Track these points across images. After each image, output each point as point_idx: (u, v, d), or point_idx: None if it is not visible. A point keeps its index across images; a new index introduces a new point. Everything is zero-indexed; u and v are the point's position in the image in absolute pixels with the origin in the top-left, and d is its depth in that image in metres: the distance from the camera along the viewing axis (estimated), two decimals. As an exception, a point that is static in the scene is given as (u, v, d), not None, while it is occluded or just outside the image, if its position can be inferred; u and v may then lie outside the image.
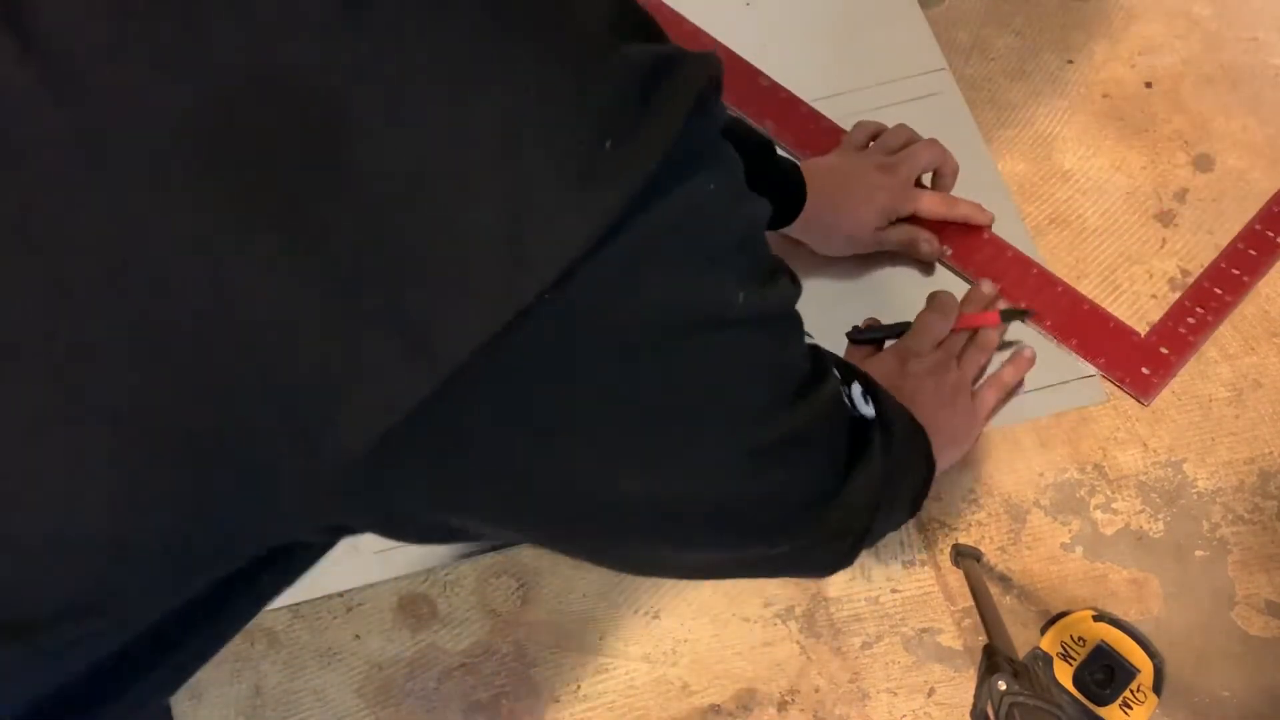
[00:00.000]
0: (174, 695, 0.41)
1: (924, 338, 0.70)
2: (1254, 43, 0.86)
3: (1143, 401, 0.72)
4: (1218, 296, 0.75)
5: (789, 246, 0.75)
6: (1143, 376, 0.73)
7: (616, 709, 0.67)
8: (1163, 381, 0.72)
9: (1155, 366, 0.73)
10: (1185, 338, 0.74)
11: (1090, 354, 0.73)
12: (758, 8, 0.92)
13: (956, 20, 0.90)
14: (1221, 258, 0.77)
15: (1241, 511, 0.69)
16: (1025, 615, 0.67)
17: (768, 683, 0.67)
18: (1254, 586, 0.67)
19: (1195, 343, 0.74)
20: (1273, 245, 0.77)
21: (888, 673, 0.67)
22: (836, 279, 0.77)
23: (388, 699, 0.68)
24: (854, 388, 0.49)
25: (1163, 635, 0.65)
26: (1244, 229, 0.78)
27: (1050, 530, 0.69)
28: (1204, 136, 0.82)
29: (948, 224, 0.77)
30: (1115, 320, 0.75)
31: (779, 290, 0.37)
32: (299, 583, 0.43)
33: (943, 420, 0.65)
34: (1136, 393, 0.72)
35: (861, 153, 0.78)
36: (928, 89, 0.86)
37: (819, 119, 0.84)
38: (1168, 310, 0.75)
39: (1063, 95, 0.85)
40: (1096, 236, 0.79)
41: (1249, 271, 0.76)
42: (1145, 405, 0.72)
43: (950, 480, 0.71)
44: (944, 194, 0.77)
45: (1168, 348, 0.73)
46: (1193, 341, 0.74)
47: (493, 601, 0.70)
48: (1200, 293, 0.75)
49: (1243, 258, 0.77)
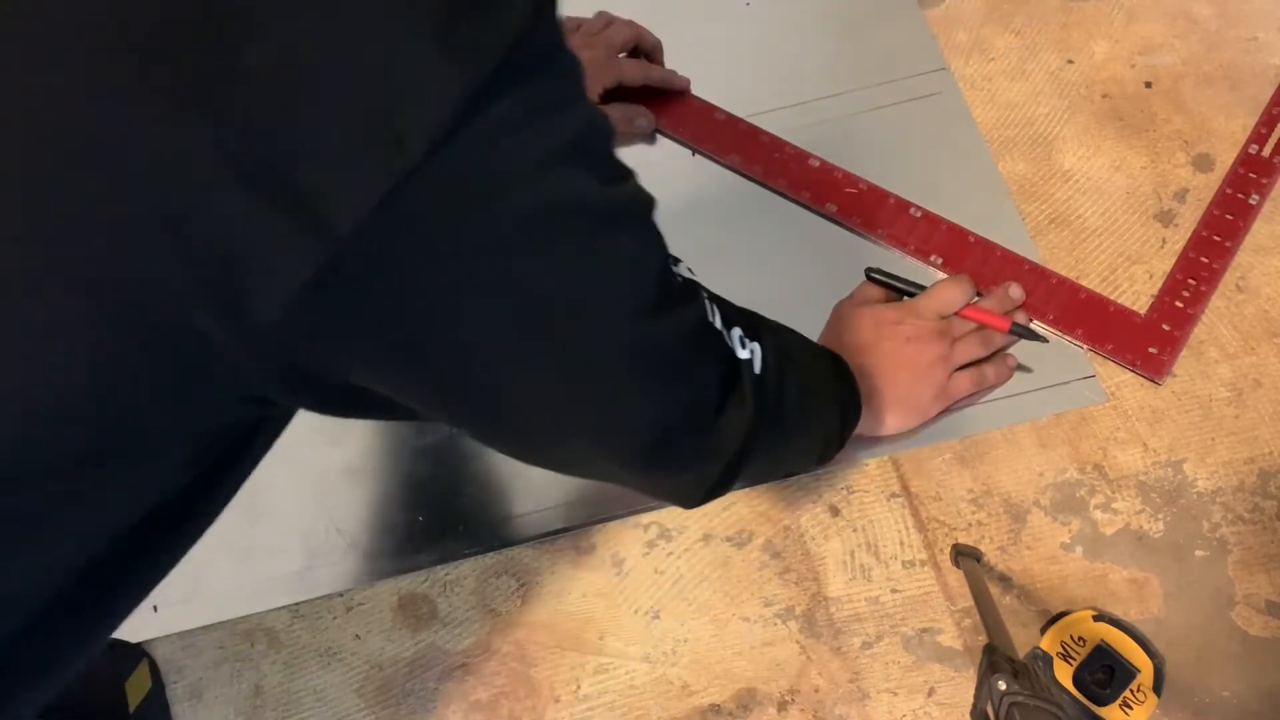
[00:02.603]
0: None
1: (931, 302, 0.73)
2: (1254, 43, 0.86)
3: (1157, 381, 0.72)
4: (1205, 265, 0.76)
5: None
6: (1152, 356, 0.73)
7: (616, 709, 0.67)
8: (1171, 359, 0.73)
9: (1161, 344, 0.73)
10: (1184, 311, 0.75)
11: (1097, 341, 0.74)
12: (758, 8, 0.92)
13: (956, 20, 0.90)
14: (1201, 226, 0.78)
15: (1241, 511, 0.69)
16: (1025, 615, 0.67)
17: (768, 683, 0.67)
18: (1254, 586, 0.67)
19: (1194, 315, 0.74)
20: (1245, 207, 0.78)
21: (888, 673, 0.67)
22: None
23: (388, 699, 0.68)
24: (734, 331, 0.51)
25: (1163, 635, 0.65)
26: (1216, 194, 0.79)
27: (1050, 530, 0.69)
28: (1204, 136, 0.82)
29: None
30: (1115, 305, 0.75)
31: (631, 189, 0.41)
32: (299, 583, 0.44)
33: (904, 384, 0.69)
34: (1149, 373, 0.73)
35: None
36: (928, 89, 0.86)
37: (783, 146, 0.84)
38: (1162, 286, 0.76)
39: (1063, 95, 0.85)
40: (1096, 236, 0.79)
41: (1228, 236, 0.77)
42: (1159, 385, 0.72)
43: (950, 480, 0.71)
44: (641, 61, 0.87)
45: (1169, 324, 0.74)
46: (1191, 314, 0.74)
47: (493, 601, 0.70)
48: (1188, 264, 0.76)
49: (1220, 223, 0.78)
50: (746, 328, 0.53)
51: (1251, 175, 0.80)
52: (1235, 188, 0.79)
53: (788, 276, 0.79)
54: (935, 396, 0.70)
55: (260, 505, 0.73)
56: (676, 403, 0.47)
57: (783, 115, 0.86)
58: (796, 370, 0.56)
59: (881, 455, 0.72)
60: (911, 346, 0.69)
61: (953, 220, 0.79)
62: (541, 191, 0.35)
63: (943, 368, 0.70)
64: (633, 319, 0.42)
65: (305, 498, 0.74)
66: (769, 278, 0.79)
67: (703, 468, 0.52)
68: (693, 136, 0.85)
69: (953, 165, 0.83)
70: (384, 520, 0.73)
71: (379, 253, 0.32)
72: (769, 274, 0.79)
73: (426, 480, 0.74)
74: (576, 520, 0.72)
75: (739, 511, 0.72)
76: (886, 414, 0.69)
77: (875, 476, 0.72)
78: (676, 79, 0.87)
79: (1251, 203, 0.78)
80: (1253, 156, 0.80)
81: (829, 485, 0.72)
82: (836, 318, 0.73)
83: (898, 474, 0.72)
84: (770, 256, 0.80)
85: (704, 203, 0.83)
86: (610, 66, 0.84)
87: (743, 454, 0.51)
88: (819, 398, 0.60)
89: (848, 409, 0.64)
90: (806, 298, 0.75)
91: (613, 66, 0.84)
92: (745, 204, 0.83)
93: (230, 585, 0.72)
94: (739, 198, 0.83)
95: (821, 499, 0.71)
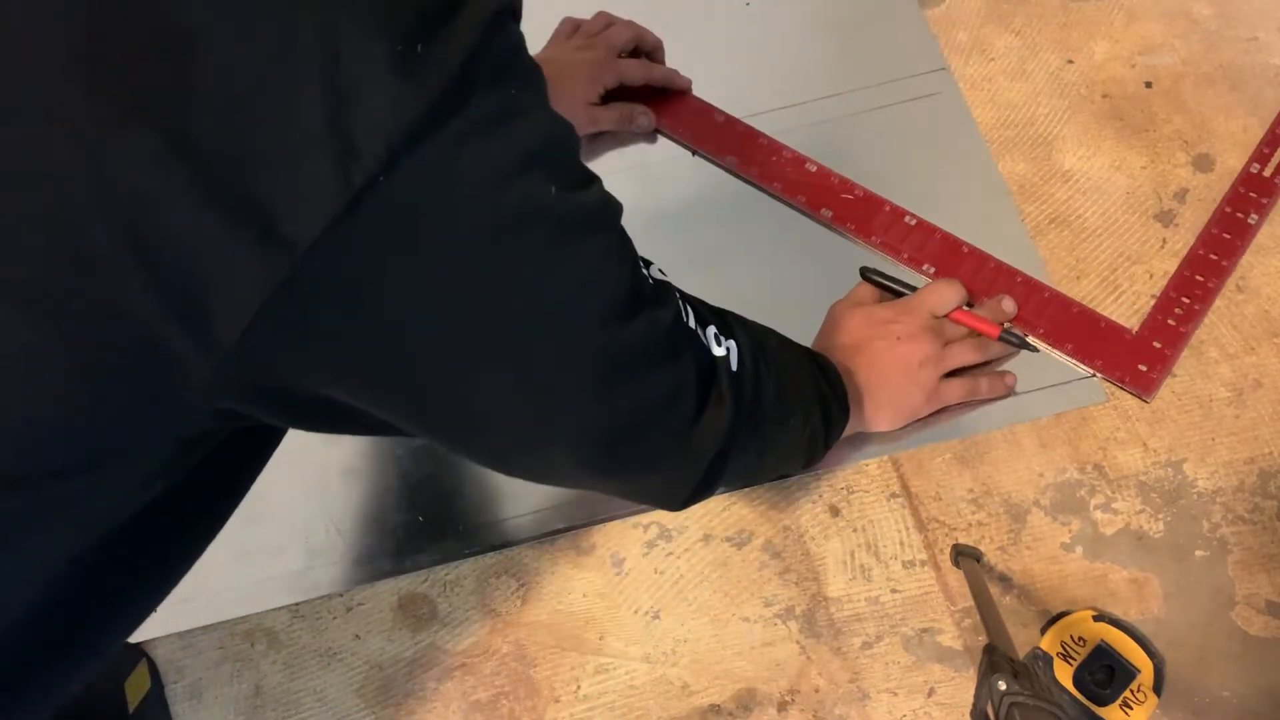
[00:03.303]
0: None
1: (923, 300, 0.73)
2: (1254, 43, 0.86)
3: (1144, 398, 0.72)
4: (1200, 284, 0.76)
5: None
6: (1141, 374, 0.73)
7: (616, 709, 0.67)
8: (1161, 376, 0.72)
9: (1151, 362, 0.73)
10: (1175, 329, 0.74)
11: (1086, 357, 0.73)
12: (758, 8, 0.92)
13: (956, 20, 0.90)
14: (1199, 244, 0.77)
15: (1241, 511, 0.69)
16: (1025, 615, 0.67)
17: (768, 683, 0.67)
18: (1254, 586, 0.67)
19: (1186, 333, 0.74)
20: (1244, 226, 0.78)
21: (888, 673, 0.67)
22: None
23: (388, 699, 0.68)
24: (709, 329, 0.52)
25: (1163, 635, 0.65)
26: (1215, 213, 0.79)
27: (1050, 530, 0.69)
28: (1204, 136, 0.82)
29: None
30: (1106, 320, 0.75)
31: (593, 195, 0.41)
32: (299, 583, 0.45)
33: (894, 383, 0.69)
34: (1138, 390, 0.72)
35: (566, 40, 0.87)
36: (928, 89, 0.86)
37: (780, 149, 0.84)
38: (1155, 304, 0.75)
39: (1063, 95, 0.85)
40: (1096, 236, 0.79)
41: (1226, 255, 0.77)
42: (1147, 402, 0.72)
43: (950, 480, 0.71)
44: (643, 60, 0.87)
45: (1160, 341, 0.74)
46: (1183, 332, 0.74)
47: (493, 601, 0.70)
48: (1183, 282, 0.76)
49: (1218, 242, 0.77)
50: (721, 326, 0.53)
51: (1252, 195, 0.79)
52: (1235, 206, 0.78)
53: (784, 278, 0.79)
54: (926, 396, 0.70)
55: (260, 505, 0.73)
56: (654, 405, 0.47)
57: (782, 115, 0.86)
58: (774, 367, 0.56)
59: (881, 455, 0.72)
60: (903, 345, 0.69)
61: (952, 221, 0.79)
62: (502, 201, 0.35)
63: (934, 367, 0.70)
64: (602, 324, 0.41)
65: (305, 498, 0.74)
66: (766, 279, 0.79)
67: (684, 468, 0.51)
68: (692, 137, 0.85)
69: (953, 165, 0.83)
70: (384, 520, 0.73)
71: (337, 266, 0.32)
72: (766, 276, 0.79)
73: (426, 480, 0.74)
74: (576, 520, 0.72)
75: (739, 511, 0.72)
76: (877, 412, 0.69)
77: (875, 476, 0.72)
78: (678, 78, 0.87)
79: (1250, 223, 0.78)
80: (1254, 176, 0.80)
81: (829, 485, 0.72)
82: (831, 318, 0.73)
83: (898, 474, 0.72)
84: (767, 258, 0.80)
85: (703, 203, 0.83)
86: (611, 66, 0.84)
87: (723, 453, 0.51)
88: (799, 394, 0.60)
89: (832, 408, 0.63)
90: (802, 300, 0.75)
91: (614, 66, 0.84)
92: (743, 205, 0.83)
93: (230, 585, 0.72)
94: (738, 199, 0.83)
95: (821, 499, 0.71)
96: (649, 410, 0.47)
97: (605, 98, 0.84)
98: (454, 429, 0.43)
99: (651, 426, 0.47)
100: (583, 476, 0.50)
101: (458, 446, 0.46)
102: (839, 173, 0.82)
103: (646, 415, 0.47)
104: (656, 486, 0.53)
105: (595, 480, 0.51)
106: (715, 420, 0.50)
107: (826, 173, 0.82)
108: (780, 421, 0.58)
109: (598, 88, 0.83)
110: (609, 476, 0.50)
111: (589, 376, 0.42)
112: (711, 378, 0.50)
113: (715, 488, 0.54)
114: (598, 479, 0.51)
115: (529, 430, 0.44)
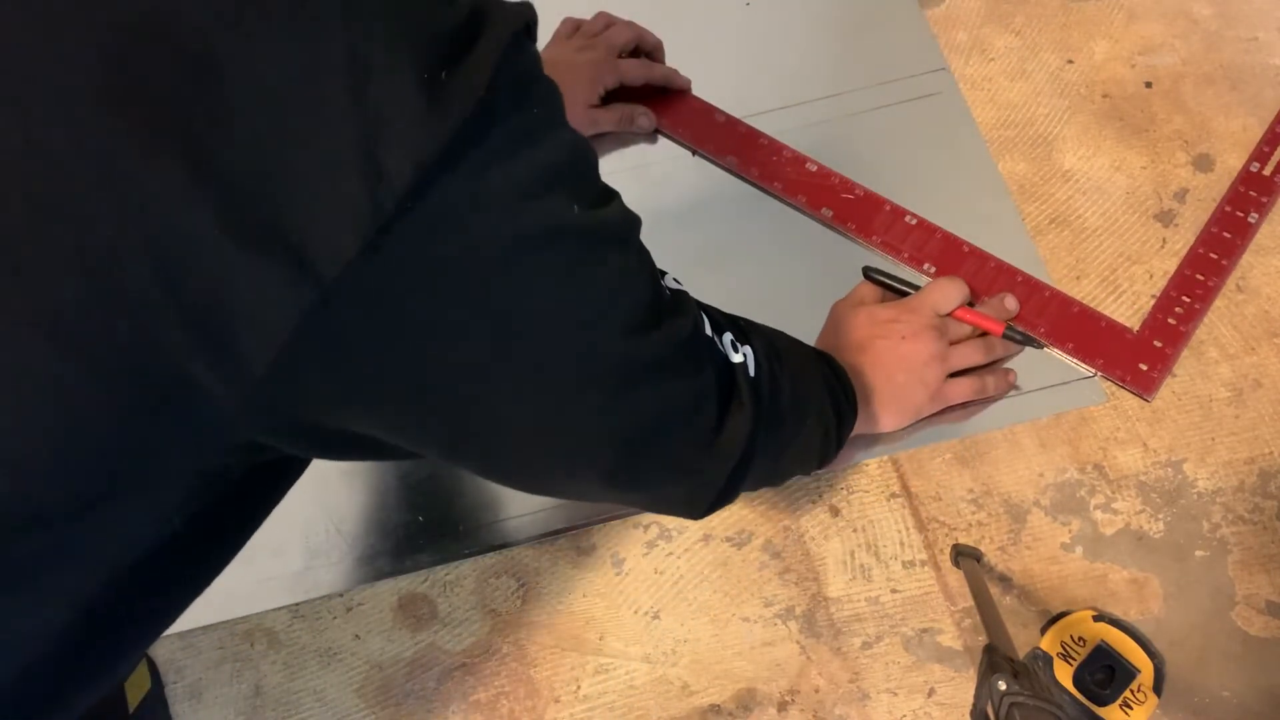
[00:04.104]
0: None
1: (926, 299, 0.73)
2: (1254, 43, 0.86)
3: (1145, 398, 0.72)
4: (1200, 282, 0.76)
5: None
6: (1141, 373, 0.73)
7: (616, 709, 0.67)
8: (1161, 376, 0.72)
9: (1152, 361, 0.73)
10: (1176, 329, 0.74)
11: (1087, 356, 0.73)
12: (758, 8, 0.92)
13: (956, 20, 0.90)
14: (1199, 243, 0.77)
15: (1241, 511, 0.69)
16: (1025, 615, 0.67)
17: (768, 683, 0.67)
18: (1254, 586, 0.67)
19: (1186, 333, 0.74)
20: (1244, 225, 0.78)
21: (888, 673, 0.67)
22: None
23: (388, 699, 0.68)
24: (725, 336, 0.52)
25: (1163, 635, 0.65)
26: (1215, 212, 0.79)
27: (1050, 530, 0.69)
28: (1204, 136, 0.82)
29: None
30: (1107, 319, 0.75)
31: (614, 211, 0.41)
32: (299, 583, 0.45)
33: (900, 381, 0.69)
34: (1139, 389, 0.72)
35: (566, 41, 0.87)
36: (928, 89, 0.86)
37: (781, 149, 0.84)
38: (1155, 303, 0.75)
39: (1063, 95, 0.85)
40: (1096, 236, 0.79)
41: (1226, 254, 0.77)
42: (1149, 401, 0.72)
43: (950, 480, 0.71)
44: (644, 60, 0.87)
45: (1161, 340, 0.74)
46: (1184, 332, 0.74)
47: (493, 601, 0.70)
48: (1183, 281, 0.76)
49: (1218, 240, 0.77)
50: (736, 332, 0.53)
51: (1252, 193, 0.79)
52: (1235, 205, 0.79)
53: (785, 278, 0.79)
54: (930, 395, 0.70)
55: (260, 505, 0.73)
56: (677, 414, 0.47)
57: (783, 115, 0.86)
58: (790, 369, 0.56)
59: (881, 455, 0.72)
60: (906, 344, 0.69)
61: (953, 220, 0.79)
62: (528, 221, 0.35)
63: (938, 366, 0.70)
64: (626, 337, 0.41)
65: (305, 498, 0.74)
66: (766, 279, 0.79)
67: (708, 476, 0.51)
68: (693, 137, 0.85)
69: (953, 165, 0.83)
70: (384, 520, 0.73)
71: (366, 293, 0.32)
72: (766, 276, 0.79)
73: (426, 480, 0.74)
74: (576, 520, 0.72)
75: (739, 511, 0.72)
76: (882, 411, 0.69)
77: (875, 476, 0.72)
78: (678, 78, 0.87)
79: (1250, 221, 0.78)
80: (1254, 175, 0.80)
81: (829, 485, 0.72)
82: (833, 318, 0.73)
83: (898, 474, 0.72)
84: (768, 258, 0.80)
85: (704, 203, 0.83)
86: (612, 66, 0.84)
87: (746, 458, 0.51)
88: (814, 395, 0.60)
89: (843, 407, 0.63)
90: (804, 299, 0.75)
91: (614, 66, 0.84)
92: (744, 205, 0.83)
93: (230, 585, 0.71)
94: (738, 199, 0.83)
95: (821, 499, 0.71)
96: (672, 420, 0.46)
97: (606, 98, 0.84)
98: (481, 453, 0.43)
99: (674, 436, 0.47)
100: (607, 490, 0.50)
101: (484, 467, 0.45)
102: (839, 172, 0.82)
103: (669, 425, 0.46)
104: (680, 496, 0.53)
105: (620, 493, 0.51)
106: (737, 426, 0.50)
107: (827, 172, 0.82)
108: (798, 423, 0.58)
109: (598, 88, 0.83)
110: (633, 488, 0.50)
111: (613, 389, 0.42)
112: (731, 384, 0.50)
113: (737, 493, 0.54)
114: (622, 491, 0.50)
115: (556, 448, 0.44)
